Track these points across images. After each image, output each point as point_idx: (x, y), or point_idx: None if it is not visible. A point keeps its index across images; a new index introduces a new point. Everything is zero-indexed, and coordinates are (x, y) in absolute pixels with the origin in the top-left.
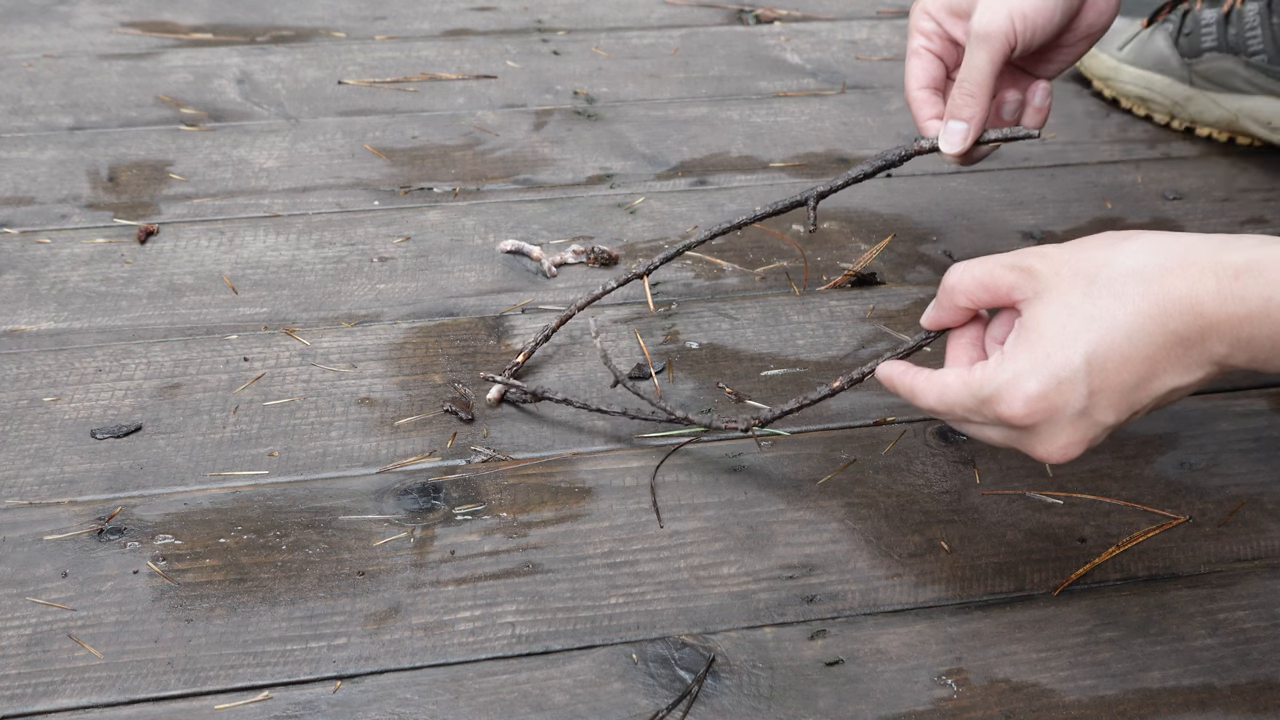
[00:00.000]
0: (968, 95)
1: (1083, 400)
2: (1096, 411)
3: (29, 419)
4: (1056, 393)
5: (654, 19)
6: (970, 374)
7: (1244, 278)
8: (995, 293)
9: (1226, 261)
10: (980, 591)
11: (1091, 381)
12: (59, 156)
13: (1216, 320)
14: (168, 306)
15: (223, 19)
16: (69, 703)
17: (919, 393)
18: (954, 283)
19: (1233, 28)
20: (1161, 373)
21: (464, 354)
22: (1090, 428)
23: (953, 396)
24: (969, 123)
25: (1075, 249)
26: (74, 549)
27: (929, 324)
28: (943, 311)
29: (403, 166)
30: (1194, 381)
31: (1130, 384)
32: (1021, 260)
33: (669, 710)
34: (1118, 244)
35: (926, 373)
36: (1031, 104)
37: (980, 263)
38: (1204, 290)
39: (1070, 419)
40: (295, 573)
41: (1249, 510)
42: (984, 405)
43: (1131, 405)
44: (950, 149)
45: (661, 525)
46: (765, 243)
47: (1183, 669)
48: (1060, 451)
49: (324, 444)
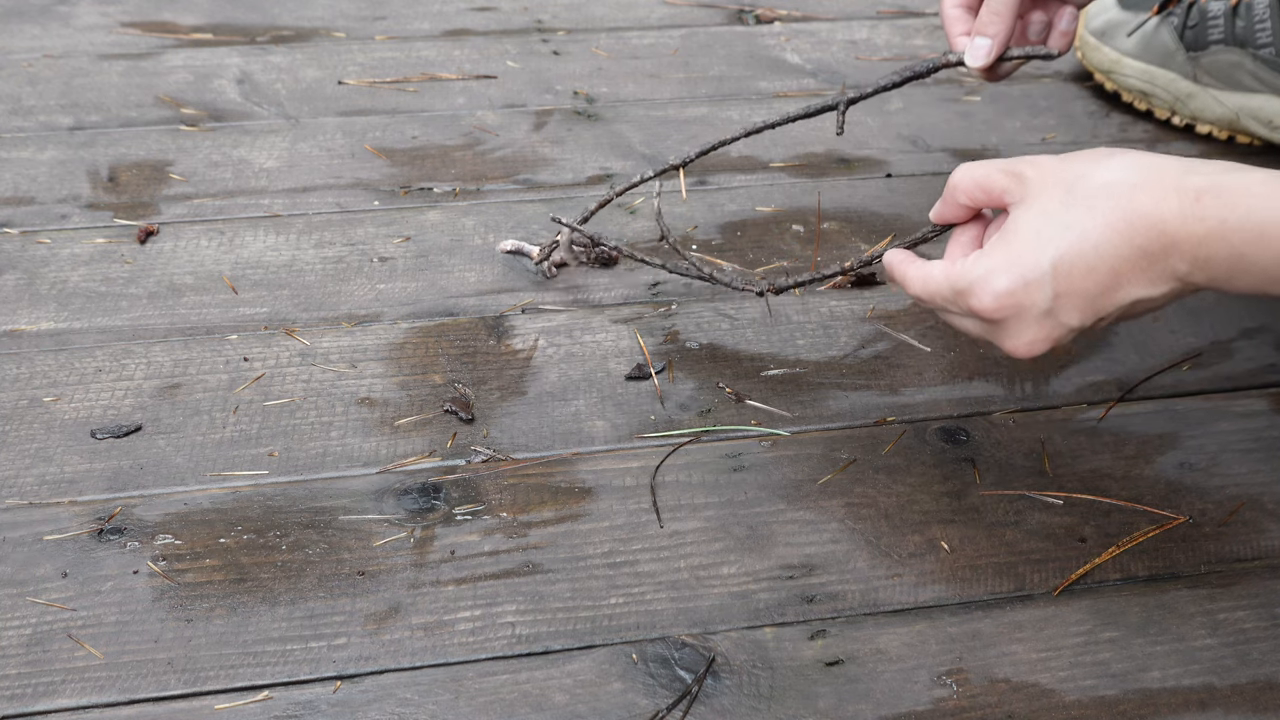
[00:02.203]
0: (994, 13)
1: (1048, 301)
2: (1061, 313)
3: (29, 419)
4: (1024, 291)
5: (654, 19)
6: (951, 267)
7: (1204, 199)
8: (990, 193)
9: (1190, 183)
10: (980, 591)
11: (1057, 285)
12: (59, 156)
13: (1178, 238)
14: (168, 306)
15: (223, 19)
16: (69, 703)
17: (909, 279)
18: (956, 181)
19: (1241, 20)
20: (1125, 283)
21: (464, 354)
22: (1055, 328)
23: (934, 286)
24: (993, 39)
25: (1064, 160)
26: (74, 549)
27: (934, 218)
28: (946, 207)
29: (403, 166)
30: (1158, 295)
31: (1095, 291)
32: (1015, 166)
33: (669, 710)
34: (1101, 160)
35: (920, 262)
36: (1057, 27)
37: (981, 165)
38: (1168, 209)
39: (1036, 318)
40: (295, 573)
41: (1249, 510)
42: (959, 297)
43: (1097, 311)
44: (974, 62)
45: (661, 525)
46: (765, 243)
47: (1183, 669)
48: (1026, 347)
49: (324, 444)
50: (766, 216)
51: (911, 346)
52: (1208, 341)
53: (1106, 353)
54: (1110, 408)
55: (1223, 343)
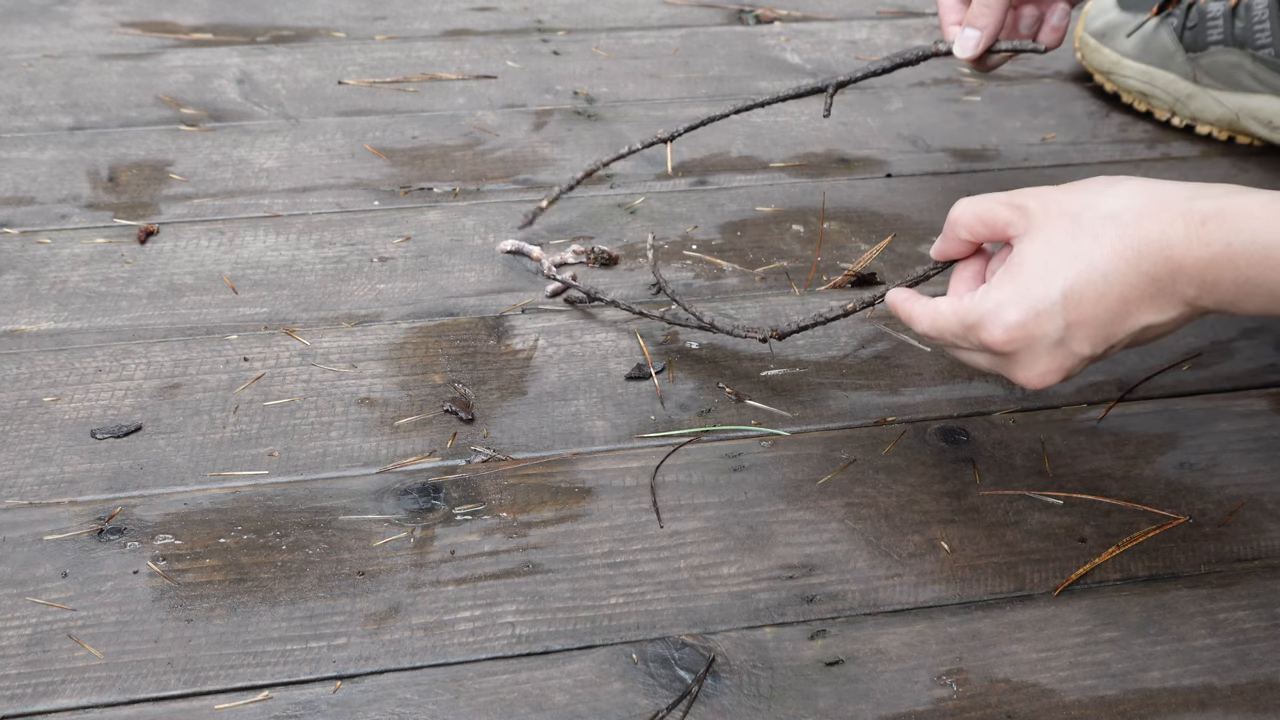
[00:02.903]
0: (985, 6)
1: (1059, 331)
2: (1073, 343)
3: (29, 419)
4: (1035, 323)
5: (654, 19)
6: (960, 302)
7: (1210, 224)
8: (993, 227)
9: (1196, 209)
10: (980, 591)
11: (1068, 314)
12: (59, 156)
13: (1184, 263)
14: (168, 306)
15: (223, 19)
16: (69, 703)
17: (916, 317)
18: (956, 216)
19: (1240, 21)
20: (1135, 310)
21: (464, 354)
22: (1067, 357)
23: (943, 322)
24: (982, 31)
25: (1067, 191)
26: (74, 549)
27: (936, 255)
28: (947, 243)
29: (403, 166)
30: (1168, 320)
31: (1105, 319)
32: (1017, 199)
33: (669, 710)
34: (1104, 188)
35: (925, 299)
36: (1049, 22)
37: (982, 199)
38: (1174, 235)
39: (1048, 348)
40: (295, 573)
41: (1249, 510)
42: (969, 331)
43: (1108, 339)
44: (962, 53)
45: (661, 525)
46: (765, 243)
47: (1183, 669)
48: (1039, 378)
49: (324, 444)
50: (766, 216)
51: (911, 346)
52: (1208, 341)
53: None
54: (1110, 408)
55: (1223, 343)
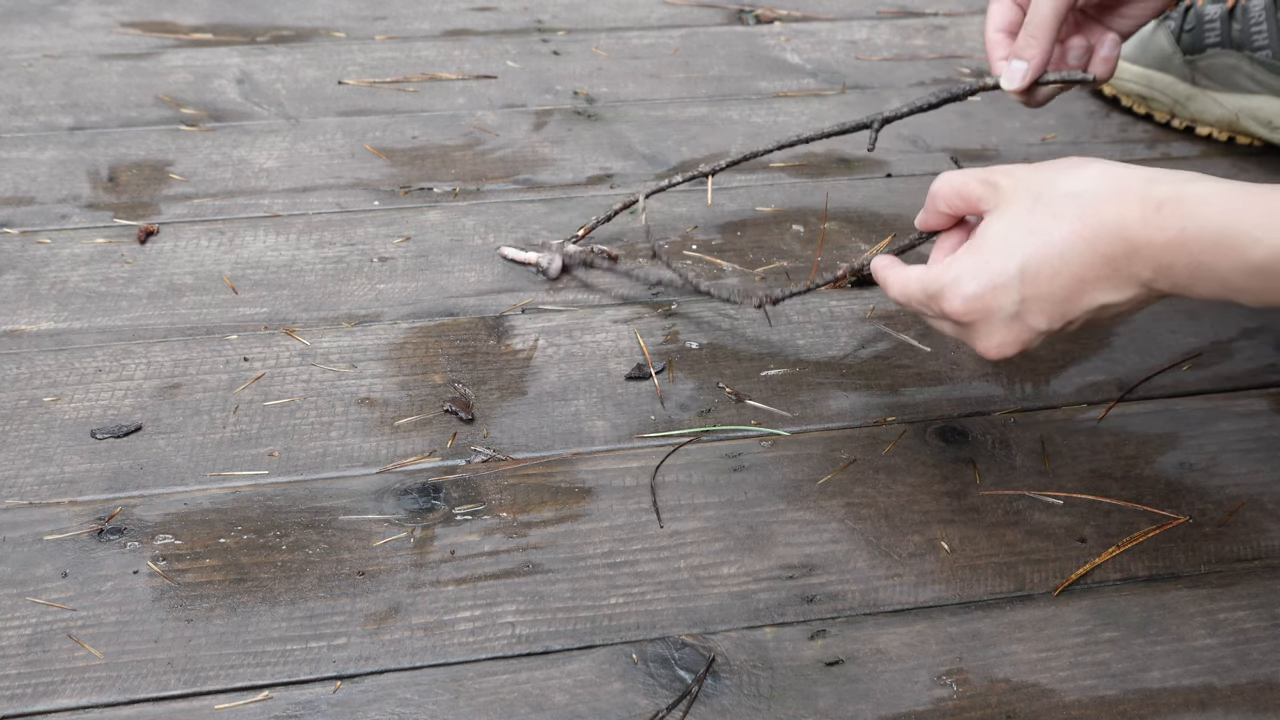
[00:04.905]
0: (1030, 37)
1: (1015, 305)
2: (1029, 316)
3: (29, 419)
4: (991, 295)
5: (654, 19)
6: (926, 272)
7: (1165, 209)
8: (968, 201)
9: (1153, 193)
10: (980, 591)
11: (1024, 289)
12: (59, 156)
13: (1139, 245)
14: (168, 306)
15: (223, 19)
16: (69, 703)
17: (890, 283)
18: (936, 189)
19: (1237, 23)
20: (1091, 289)
21: (464, 354)
22: (1023, 330)
23: (911, 290)
24: (1029, 62)
25: (1036, 170)
26: (74, 549)
27: (919, 225)
28: (927, 215)
29: (403, 166)
30: (1124, 300)
31: (1060, 296)
32: (992, 175)
33: (669, 710)
34: (1069, 169)
35: (900, 267)
36: (1099, 53)
37: (960, 174)
38: (1131, 218)
39: (1004, 320)
40: (295, 573)
41: (1249, 510)
42: (932, 300)
43: (1064, 315)
44: (1010, 85)
45: (661, 525)
46: (765, 243)
47: (1183, 669)
48: (996, 349)
49: (324, 444)
50: (766, 216)
51: (911, 346)
52: (1208, 341)
53: (1106, 353)
54: (1110, 408)
55: (1223, 343)
